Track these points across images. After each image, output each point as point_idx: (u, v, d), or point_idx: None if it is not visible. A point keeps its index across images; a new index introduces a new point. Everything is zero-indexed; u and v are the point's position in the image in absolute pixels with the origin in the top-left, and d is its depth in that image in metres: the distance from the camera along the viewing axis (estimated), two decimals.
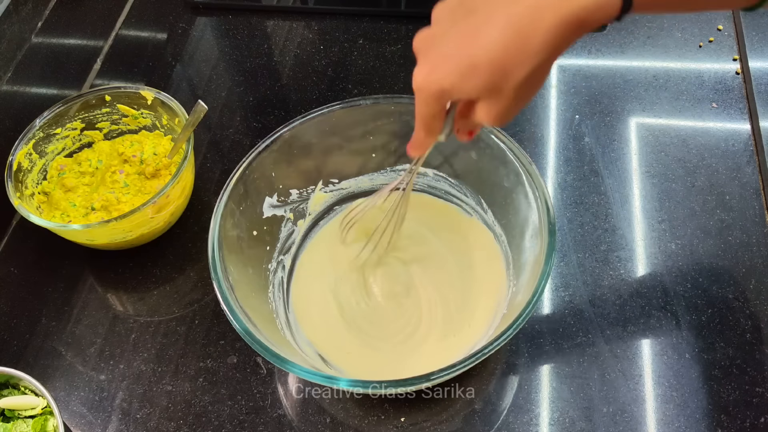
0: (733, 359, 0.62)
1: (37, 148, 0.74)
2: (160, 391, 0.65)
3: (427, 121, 0.48)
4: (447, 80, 0.43)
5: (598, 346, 0.64)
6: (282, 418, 0.62)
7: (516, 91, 0.42)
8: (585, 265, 0.69)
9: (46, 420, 0.59)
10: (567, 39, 0.41)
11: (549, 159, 0.78)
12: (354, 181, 0.73)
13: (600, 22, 0.41)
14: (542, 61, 0.41)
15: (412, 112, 0.66)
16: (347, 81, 0.87)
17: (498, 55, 0.41)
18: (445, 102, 0.46)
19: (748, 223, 0.71)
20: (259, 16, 0.96)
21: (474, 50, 0.41)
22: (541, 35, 0.40)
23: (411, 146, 0.52)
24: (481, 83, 0.42)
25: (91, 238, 0.69)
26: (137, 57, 0.93)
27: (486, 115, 0.45)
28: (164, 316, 0.70)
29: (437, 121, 0.48)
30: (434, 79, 0.43)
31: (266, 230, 0.67)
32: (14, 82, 0.79)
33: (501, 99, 0.43)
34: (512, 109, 0.44)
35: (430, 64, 0.44)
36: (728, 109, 0.80)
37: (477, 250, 0.69)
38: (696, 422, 0.59)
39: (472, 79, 0.42)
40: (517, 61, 0.41)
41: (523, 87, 0.42)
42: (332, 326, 0.65)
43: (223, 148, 0.82)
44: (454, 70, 0.42)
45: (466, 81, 0.42)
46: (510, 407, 0.61)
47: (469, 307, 0.65)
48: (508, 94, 0.43)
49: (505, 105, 0.44)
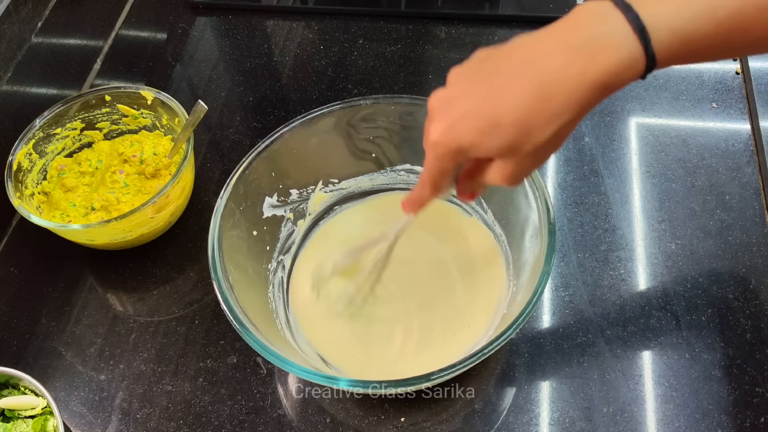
0: (733, 359, 0.62)
1: (37, 148, 0.74)
2: (160, 391, 0.65)
3: (436, 179, 0.47)
4: (467, 138, 0.42)
5: (598, 346, 0.64)
6: (282, 418, 0.62)
7: (536, 152, 0.42)
8: (585, 265, 0.69)
9: (46, 420, 0.59)
10: (591, 102, 0.41)
11: (549, 159, 0.78)
12: (354, 181, 0.73)
13: (625, 83, 0.41)
14: (566, 123, 0.41)
15: (412, 112, 0.67)
16: (347, 81, 0.87)
17: (523, 115, 0.40)
18: (461, 160, 0.45)
19: (748, 223, 0.71)
20: (259, 16, 0.96)
21: (498, 108, 0.41)
22: (566, 97, 0.40)
23: (410, 202, 0.51)
24: (502, 142, 0.41)
25: (91, 238, 0.69)
26: (137, 57, 0.93)
27: (499, 175, 0.44)
28: (164, 316, 0.70)
29: (447, 180, 0.47)
30: (453, 136, 0.42)
31: (266, 230, 0.67)
32: (14, 82, 0.79)
33: (518, 159, 0.43)
34: (528, 170, 0.44)
35: (448, 121, 0.43)
36: (728, 109, 0.80)
37: (477, 250, 0.69)
38: (696, 422, 0.59)
39: (493, 137, 0.41)
40: (542, 121, 0.40)
41: (543, 148, 0.42)
42: (332, 326, 0.65)
43: (223, 148, 0.82)
44: (476, 128, 0.42)
45: (487, 139, 0.41)
46: (510, 407, 0.61)
47: (469, 307, 0.65)
48: (527, 154, 0.42)
49: (522, 166, 0.43)
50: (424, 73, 0.87)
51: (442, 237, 0.70)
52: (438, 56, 0.88)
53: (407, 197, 0.51)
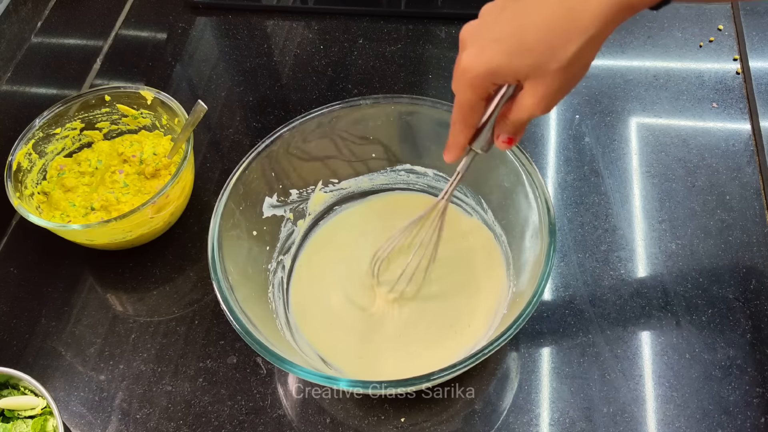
0: (734, 359, 0.62)
1: (36, 148, 0.74)
2: (159, 392, 0.65)
3: (466, 114, 0.48)
4: (494, 60, 0.43)
5: (598, 346, 0.64)
6: (282, 418, 0.62)
7: (564, 70, 0.43)
8: (585, 265, 0.69)
9: (46, 420, 0.59)
10: (615, 19, 0.42)
11: (549, 159, 0.78)
12: (354, 181, 0.72)
13: (647, 5, 0.42)
14: (590, 39, 0.42)
15: (412, 112, 0.67)
16: (347, 81, 0.87)
17: (546, 33, 0.42)
18: (489, 88, 0.46)
19: (749, 223, 0.71)
20: (259, 16, 0.96)
21: (523, 29, 0.42)
22: (590, 15, 0.41)
23: (447, 151, 0.52)
24: (529, 60, 0.43)
25: (90, 238, 0.69)
26: (137, 57, 0.92)
27: (530, 101, 0.45)
28: (164, 317, 0.70)
29: (477, 115, 0.48)
30: (482, 60, 0.44)
31: (266, 230, 0.67)
32: (14, 82, 0.79)
33: (547, 80, 0.43)
34: (559, 91, 0.44)
35: (478, 47, 0.44)
36: (728, 109, 0.80)
37: (477, 250, 0.69)
38: (696, 422, 0.59)
39: (520, 57, 0.43)
40: (566, 38, 0.42)
41: (571, 66, 0.43)
42: (332, 326, 0.65)
43: (222, 148, 0.82)
44: (503, 49, 0.43)
45: (515, 59, 0.43)
46: (510, 407, 0.61)
47: (469, 307, 0.65)
48: (554, 73, 0.43)
49: (552, 87, 0.44)
50: (424, 73, 0.87)
51: (442, 237, 0.70)
52: (438, 56, 0.88)
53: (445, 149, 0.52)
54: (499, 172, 0.63)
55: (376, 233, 0.68)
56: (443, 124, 0.64)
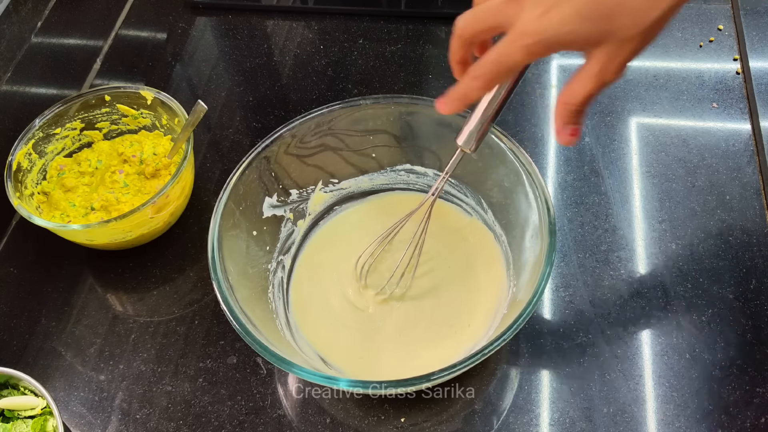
0: (734, 359, 0.62)
1: (36, 148, 0.74)
2: (159, 392, 0.65)
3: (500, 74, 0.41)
4: (566, 26, 0.37)
5: (598, 347, 0.64)
6: (282, 418, 0.62)
7: (643, 35, 0.38)
8: (585, 265, 0.69)
9: (46, 420, 0.59)
10: None
11: (549, 159, 0.78)
12: (354, 181, 0.72)
13: None
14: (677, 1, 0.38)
15: (412, 112, 0.67)
16: (347, 81, 0.87)
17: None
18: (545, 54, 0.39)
19: (749, 223, 0.71)
20: (259, 16, 0.96)
21: None
22: None
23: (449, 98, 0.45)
24: (606, 26, 0.37)
25: (90, 238, 0.69)
26: (137, 57, 0.92)
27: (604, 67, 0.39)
28: (164, 317, 0.69)
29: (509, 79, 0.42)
30: (549, 24, 0.37)
31: (266, 230, 0.67)
32: (14, 82, 0.79)
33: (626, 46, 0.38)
34: (632, 58, 0.40)
35: (542, 8, 0.37)
36: (728, 109, 0.80)
37: (477, 250, 0.69)
38: (696, 422, 0.59)
39: (596, 22, 0.37)
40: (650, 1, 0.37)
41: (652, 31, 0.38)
42: (332, 326, 0.65)
43: (222, 148, 0.82)
44: (576, 13, 0.37)
45: (589, 25, 0.37)
46: (510, 407, 0.61)
47: (469, 307, 0.65)
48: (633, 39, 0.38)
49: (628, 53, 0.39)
50: (424, 73, 0.87)
51: (442, 237, 0.70)
52: (438, 56, 0.88)
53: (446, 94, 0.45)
54: (499, 172, 0.63)
55: (376, 233, 0.68)
56: (443, 124, 0.64)
